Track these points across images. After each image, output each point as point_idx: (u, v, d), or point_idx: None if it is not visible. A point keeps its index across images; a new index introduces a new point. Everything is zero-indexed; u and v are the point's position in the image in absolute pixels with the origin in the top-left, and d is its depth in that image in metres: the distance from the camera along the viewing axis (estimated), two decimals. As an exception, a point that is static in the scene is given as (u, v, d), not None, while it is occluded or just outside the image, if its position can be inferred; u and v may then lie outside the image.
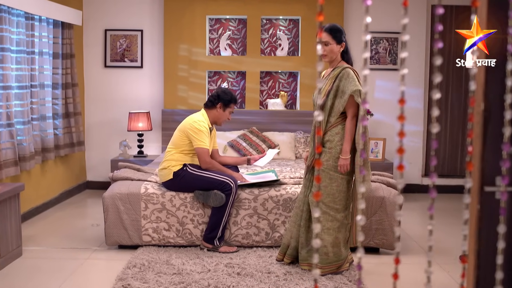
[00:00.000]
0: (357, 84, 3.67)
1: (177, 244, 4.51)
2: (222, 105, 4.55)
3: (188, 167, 4.47)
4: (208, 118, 4.57)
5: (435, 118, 1.09)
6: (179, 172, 4.45)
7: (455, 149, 7.24)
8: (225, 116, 4.60)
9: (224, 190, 4.32)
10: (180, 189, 4.50)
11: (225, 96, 4.55)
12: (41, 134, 5.72)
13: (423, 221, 5.74)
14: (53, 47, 5.96)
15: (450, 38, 7.09)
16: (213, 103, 4.57)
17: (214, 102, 4.56)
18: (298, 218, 3.92)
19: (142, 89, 7.05)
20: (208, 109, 4.59)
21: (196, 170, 4.45)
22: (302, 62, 6.89)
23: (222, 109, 4.56)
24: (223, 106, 4.55)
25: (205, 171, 4.44)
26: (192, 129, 4.44)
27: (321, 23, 1.09)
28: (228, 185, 4.34)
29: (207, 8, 6.87)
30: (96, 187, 7.04)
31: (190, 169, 4.45)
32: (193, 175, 4.43)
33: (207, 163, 4.44)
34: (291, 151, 6.39)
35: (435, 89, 1.07)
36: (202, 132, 4.43)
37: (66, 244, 4.70)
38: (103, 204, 4.51)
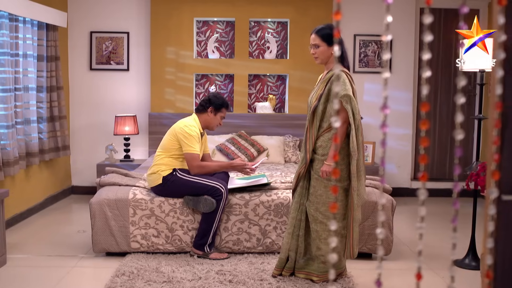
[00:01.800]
0: (347, 89, 3.54)
1: (166, 251, 4.41)
2: (213, 109, 4.46)
3: (178, 172, 4.36)
4: (200, 123, 4.48)
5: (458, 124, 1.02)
6: (169, 177, 4.35)
7: (444, 153, 7.23)
8: (217, 120, 4.51)
9: (214, 196, 4.23)
10: (169, 195, 4.40)
11: (216, 101, 4.47)
12: (26, 139, 5.59)
13: (413, 225, 5.69)
14: (38, 49, 5.83)
15: (438, 42, 7.08)
16: (204, 108, 4.48)
17: (205, 107, 4.47)
18: (296, 229, 3.80)
19: (128, 92, 6.94)
20: (199, 114, 4.50)
21: (186, 175, 4.35)
22: (290, 65, 6.83)
23: (213, 114, 4.47)
24: (214, 111, 4.47)
25: (195, 177, 4.34)
26: (182, 133, 4.34)
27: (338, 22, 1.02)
28: (218, 191, 4.25)
29: (195, 10, 6.79)
30: (82, 192, 6.91)
31: (180, 174, 4.35)
32: (183, 180, 4.33)
33: (195, 167, 4.34)
34: (280, 155, 6.32)
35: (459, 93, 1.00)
36: (192, 137, 4.33)
37: (52, 252, 4.58)
38: (90, 210, 4.40)
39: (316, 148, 3.68)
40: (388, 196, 4.51)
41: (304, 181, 3.77)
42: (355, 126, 3.51)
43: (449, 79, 7.12)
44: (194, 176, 4.35)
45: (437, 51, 7.08)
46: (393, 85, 6.95)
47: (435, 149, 7.21)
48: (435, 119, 7.16)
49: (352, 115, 3.49)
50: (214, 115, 4.48)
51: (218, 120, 4.52)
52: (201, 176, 4.36)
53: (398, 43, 6.93)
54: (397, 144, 7.02)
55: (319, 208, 3.65)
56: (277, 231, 4.41)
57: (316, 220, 3.66)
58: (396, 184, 6.94)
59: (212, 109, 4.46)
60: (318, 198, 3.65)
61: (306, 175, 3.76)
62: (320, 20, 6.61)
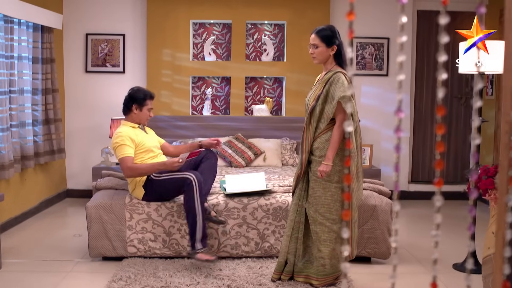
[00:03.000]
0: (346, 90, 3.52)
1: (163, 255, 4.36)
2: (137, 106, 4.32)
3: (152, 175, 4.27)
4: (132, 122, 4.37)
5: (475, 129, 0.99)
6: (147, 183, 4.27)
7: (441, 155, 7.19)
8: (145, 115, 4.37)
9: (185, 187, 4.09)
10: (159, 198, 4.33)
11: (136, 95, 4.33)
12: (21, 142, 5.53)
13: (411, 228, 5.67)
14: (33, 52, 5.77)
15: (436, 44, 7.06)
16: (127, 107, 4.35)
17: (128, 106, 4.35)
18: (295, 231, 3.76)
19: (124, 94, 6.75)
20: (127, 116, 4.39)
21: (158, 176, 4.24)
22: (287, 68, 6.80)
23: (138, 110, 4.33)
24: (139, 107, 4.32)
25: (165, 173, 4.20)
26: (112, 147, 4.26)
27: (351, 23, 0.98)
28: (187, 180, 4.08)
29: (191, 12, 6.75)
30: (77, 195, 6.85)
31: (154, 176, 4.25)
32: (158, 181, 4.24)
33: (126, 170, 4.14)
34: (278, 158, 6.28)
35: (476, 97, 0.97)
36: (118, 144, 4.18)
37: (48, 256, 4.52)
38: (86, 214, 4.34)
39: (313, 150, 3.65)
40: (387, 200, 4.48)
41: (303, 183, 3.74)
42: (354, 128, 3.50)
43: (446, 82, 7.10)
44: (164, 173, 4.21)
45: (434, 54, 7.06)
46: (390, 88, 6.93)
47: (432, 152, 7.19)
48: (432, 122, 7.14)
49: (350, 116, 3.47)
50: (140, 111, 4.34)
51: (146, 114, 4.38)
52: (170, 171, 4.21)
53: (395, 46, 6.91)
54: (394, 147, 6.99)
55: (318, 209, 3.62)
56: (276, 235, 4.37)
57: (316, 221, 3.63)
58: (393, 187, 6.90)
59: (136, 106, 4.32)
60: (317, 199, 3.62)
61: (304, 177, 3.73)
62: (317, 22, 6.59)
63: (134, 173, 4.16)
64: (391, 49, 6.91)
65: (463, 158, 7.23)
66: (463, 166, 7.25)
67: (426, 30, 7.04)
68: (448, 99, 7.14)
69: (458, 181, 7.23)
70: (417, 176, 7.24)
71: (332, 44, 3.64)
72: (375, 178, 6.01)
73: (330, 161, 3.51)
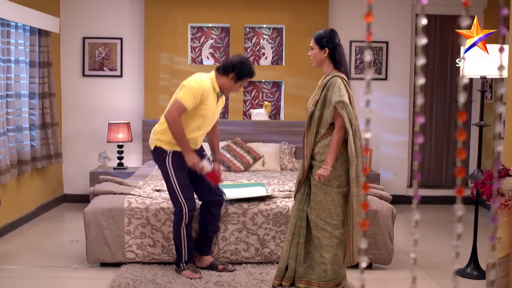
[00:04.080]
0: (342, 94, 3.45)
1: (162, 261, 4.31)
2: (235, 76, 3.96)
3: (170, 156, 3.97)
4: (217, 83, 4.01)
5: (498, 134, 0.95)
6: (159, 151, 3.99)
7: (440, 160, 7.18)
8: (235, 88, 4.05)
9: (176, 208, 3.99)
10: (163, 172, 4.06)
11: (242, 69, 3.95)
12: (17, 146, 5.47)
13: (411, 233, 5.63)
14: (30, 55, 5.72)
15: (434, 48, 7.05)
16: (225, 71, 3.97)
17: (227, 70, 3.96)
18: (296, 236, 3.71)
19: (122, 99, 6.84)
20: (219, 74, 4.00)
21: (170, 168, 3.96)
22: (286, 72, 6.77)
23: (233, 81, 3.98)
24: (235, 78, 3.97)
25: (174, 180, 3.95)
26: (186, 84, 3.89)
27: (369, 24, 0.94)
28: (179, 209, 3.96)
29: (189, 16, 6.71)
30: (74, 200, 6.79)
31: (169, 162, 3.96)
32: (166, 172, 3.99)
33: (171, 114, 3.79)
34: (276, 163, 6.24)
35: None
36: (190, 89, 3.83)
37: (45, 262, 4.46)
38: (84, 219, 4.28)
39: (314, 155, 3.61)
40: (388, 205, 4.44)
41: (305, 188, 3.69)
42: (352, 132, 3.45)
43: (445, 86, 7.08)
44: (173, 179, 3.96)
45: (433, 57, 7.05)
46: (389, 92, 6.91)
47: (432, 156, 7.17)
48: (431, 126, 7.12)
49: (348, 121, 3.43)
50: (234, 83, 4.00)
51: (236, 88, 4.06)
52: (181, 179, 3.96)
53: (393, 49, 6.89)
54: (393, 151, 6.97)
55: (320, 214, 3.58)
56: (276, 240, 4.32)
57: (317, 226, 3.59)
58: (393, 191, 6.87)
59: (234, 76, 3.97)
60: (318, 204, 3.58)
61: (306, 182, 3.69)
62: (316, 26, 6.56)
63: (172, 122, 3.79)
64: (390, 53, 6.89)
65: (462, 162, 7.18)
66: (462, 170, 7.21)
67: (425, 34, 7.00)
68: (446, 104, 7.11)
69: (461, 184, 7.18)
70: (416, 181, 7.19)
71: (324, 46, 3.60)
72: (374, 183, 5.98)
73: (329, 166, 3.47)
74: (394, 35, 6.86)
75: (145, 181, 5.15)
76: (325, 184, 3.55)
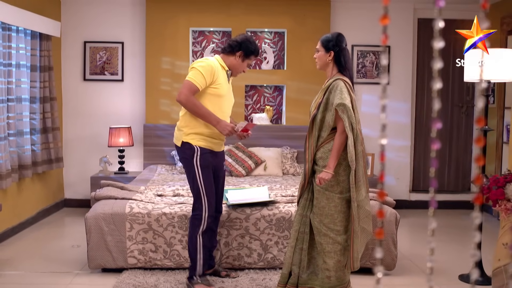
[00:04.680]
0: (343, 97, 3.41)
1: (164, 267, 4.27)
2: (243, 54, 3.86)
3: (198, 155, 3.80)
4: (225, 63, 3.90)
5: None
6: (187, 147, 3.80)
7: (443, 164, 7.15)
8: (242, 67, 3.92)
9: (194, 215, 3.84)
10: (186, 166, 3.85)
11: (248, 46, 3.85)
12: (18, 151, 5.44)
13: (414, 238, 5.60)
14: (31, 59, 5.70)
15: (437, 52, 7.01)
16: (232, 50, 3.86)
17: (234, 49, 3.85)
18: (299, 242, 3.67)
19: (123, 103, 6.81)
20: (225, 55, 3.90)
21: (198, 167, 3.78)
22: (288, 76, 6.74)
23: (241, 59, 3.87)
24: (243, 56, 3.86)
25: (201, 179, 3.78)
26: (193, 66, 3.77)
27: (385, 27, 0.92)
28: (199, 211, 3.80)
29: (191, 20, 6.69)
30: (74, 205, 6.76)
31: (196, 162, 3.78)
32: (192, 171, 3.79)
33: (184, 94, 3.66)
34: (278, 167, 6.21)
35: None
36: (196, 68, 3.71)
37: (46, 268, 4.43)
38: (85, 224, 4.25)
39: (317, 160, 3.57)
40: (392, 210, 4.41)
41: (308, 193, 3.65)
42: (354, 136, 3.41)
43: (447, 90, 7.06)
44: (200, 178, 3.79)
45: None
46: (391, 96, 6.88)
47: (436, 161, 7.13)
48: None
49: (348, 125, 3.39)
50: (241, 61, 3.89)
51: (244, 67, 3.94)
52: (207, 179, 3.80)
53: (396, 54, 6.87)
54: (396, 156, 6.94)
55: (322, 220, 3.54)
56: (279, 246, 4.29)
57: (320, 232, 3.54)
58: (395, 196, 6.83)
59: (242, 54, 3.86)
60: (321, 210, 3.54)
61: (309, 187, 3.65)
62: (318, 30, 6.55)
63: (187, 101, 3.67)
64: (392, 57, 6.87)
65: (464, 167, 7.18)
66: (464, 175, 7.20)
67: (426, 38, 7.00)
68: (448, 107, 7.09)
69: (460, 190, 7.17)
70: (418, 185, 7.17)
71: (330, 49, 3.58)
72: (375, 187, 5.94)
73: (331, 170, 3.43)
74: (396, 39, 6.84)
75: (146, 186, 5.12)
76: (327, 190, 3.51)
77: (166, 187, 4.95)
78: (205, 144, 3.83)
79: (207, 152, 3.84)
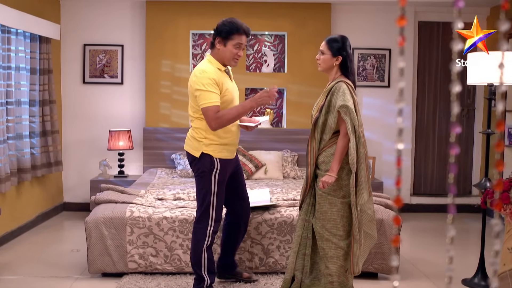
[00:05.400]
0: (346, 99, 3.37)
1: (165, 271, 4.23)
2: (221, 39, 3.50)
3: (218, 168, 3.60)
4: (217, 61, 3.59)
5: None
6: (207, 159, 3.59)
7: (443, 168, 7.12)
8: (229, 52, 3.52)
9: (198, 228, 3.67)
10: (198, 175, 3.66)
11: (222, 27, 3.51)
12: (17, 154, 5.40)
13: (415, 242, 5.56)
14: (30, 62, 5.66)
15: (436, 56, 7.00)
16: (212, 41, 3.57)
17: (213, 39, 3.56)
18: (302, 247, 3.63)
19: (122, 106, 6.78)
20: (212, 52, 3.60)
21: (216, 183, 3.60)
22: (288, 79, 6.72)
23: (222, 45, 3.50)
24: (222, 41, 3.50)
25: (214, 196, 3.61)
26: (195, 88, 3.51)
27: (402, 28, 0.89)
28: (204, 225, 3.64)
29: (191, 23, 6.66)
30: (74, 208, 6.72)
31: (215, 177, 3.59)
32: (208, 186, 3.60)
33: (212, 121, 3.44)
34: (279, 171, 6.17)
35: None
36: (203, 91, 3.46)
37: (45, 272, 4.38)
38: (85, 229, 4.21)
39: (319, 164, 3.53)
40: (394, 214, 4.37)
41: (310, 198, 3.61)
42: (356, 139, 3.38)
43: (448, 93, 7.03)
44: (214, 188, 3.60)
45: (436, 65, 7.00)
46: (392, 99, 6.86)
47: (434, 164, 7.11)
48: (434, 134, 7.07)
49: (351, 127, 3.35)
50: (224, 46, 3.51)
51: (232, 51, 3.52)
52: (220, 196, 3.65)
53: (396, 57, 6.84)
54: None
55: (325, 225, 3.50)
56: (281, 250, 4.25)
57: (322, 237, 3.51)
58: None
59: (220, 40, 3.51)
60: (323, 215, 3.50)
61: (311, 191, 3.61)
62: (318, 33, 6.54)
63: (223, 122, 3.47)
64: (392, 60, 6.85)
65: (466, 170, 7.15)
66: (465, 178, 7.17)
67: (427, 41, 6.98)
68: (449, 110, 7.07)
69: (461, 194, 7.14)
70: (419, 189, 7.14)
71: (338, 54, 3.54)
72: (377, 191, 5.91)
73: (334, 173, 3.39)
74: (396, 42, 6.81)
75: (146, 189, 5.08)
76: (330, 194, 3.47)
77: (166, 191, 4.92)
78: (226, 154, 3.67)
79: (226, 163, 3.68)
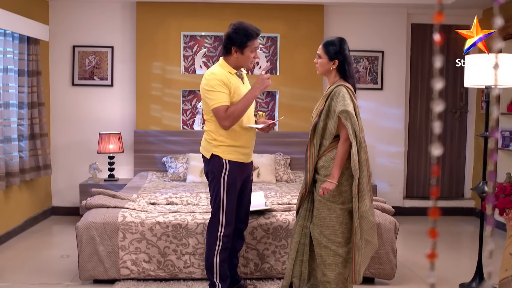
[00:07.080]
0: (346, 104, 3.31)
1: (158, 278, 4.14)
2: (237, 48, 3.59)
3: (227, 170, 3.60)
4: (230, 66, 3.65)
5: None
6: (217, 161, 3.61)
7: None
8: (248, 58, 3.63)
9: (210, 232, 3.66)
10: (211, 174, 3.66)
11: (236, 37, 3.58)
12: (6, 158, 5.28)
13: (410, 246, 5.51)
14: (19, 64, 5.55)
15: (430, 57, 6.98)
16: (227, 49, 3.64)
17: (228, 48, 3.63)
18: (300, 254, 3.55)
19: (112, 108, 6.67)
20: (225, 57, 3.68)
21: (225, 185, 3.59)
22: (280, 81, 6.65)
23: (240, 53, 3.60)
24: (239, 50, 3.59)
25: (224, 199, 3.60)
26: (205, 89, 3.58)
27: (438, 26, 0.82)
28: (213, 229, 3.62)
29: (182, 24, 6.58)
30: (63, 213, 6.59)
31: (224, 179, 3.60)
32: (218, 188, 3.60)
33: (223, 120, 3.50)
34: (272, 174, 6.10)
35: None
36: (212, 91, 3.53)
37: (34, 279, 4.27)
38: (76, 234, 4.11)
39: (318, 169, 3.46)
40: (391, 218, 4.34)
41: (307, 203, 3.54)
42: (357, 144, 3.31)
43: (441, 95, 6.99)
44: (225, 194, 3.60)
45: (428, 68, 6.97)
46: (385, 102, 6.82)
47: (427, 167, 7.08)
48: (426, 137, 7.04)
49: (352, 132, 3.29)
50: (241, 54, 3.60)
51: (250, 57, 3.64)
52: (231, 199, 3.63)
53: (389, 59, 6.81)
54: (389, 162, 6.87)
55: (323, 231, 3.42)
56: (276, 255, 4.18)
57: (320, 244, 3.43)
58: (388, 202, 6.75)
59: (236, 49, 3.59)
60: (322, 221, 3.43)
61: (309, 197, 3.54)
62: (311, 35, 6.49)
63: (233, 118, 3.51)
64: (385, 63, 6.81)
65: (458, 173, 7.13)
66: (457, 181, 7.15)
67: (420, 43, 6.95)
68: (442, 113, 7.04)
69: (453, 197, 7.12)
70: (412, 192, 7.11)
71: (334, 58, 3.48)
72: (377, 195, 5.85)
73: (335, 179, 3.31)
74: (389, 44, 6.78)
75: (138, 193, 4.98)
76: (329, 200, 3.39)
77: (158, 195, 4.83)
78: (235, 156, 3.62)
79: (236, 166, 3.64)
